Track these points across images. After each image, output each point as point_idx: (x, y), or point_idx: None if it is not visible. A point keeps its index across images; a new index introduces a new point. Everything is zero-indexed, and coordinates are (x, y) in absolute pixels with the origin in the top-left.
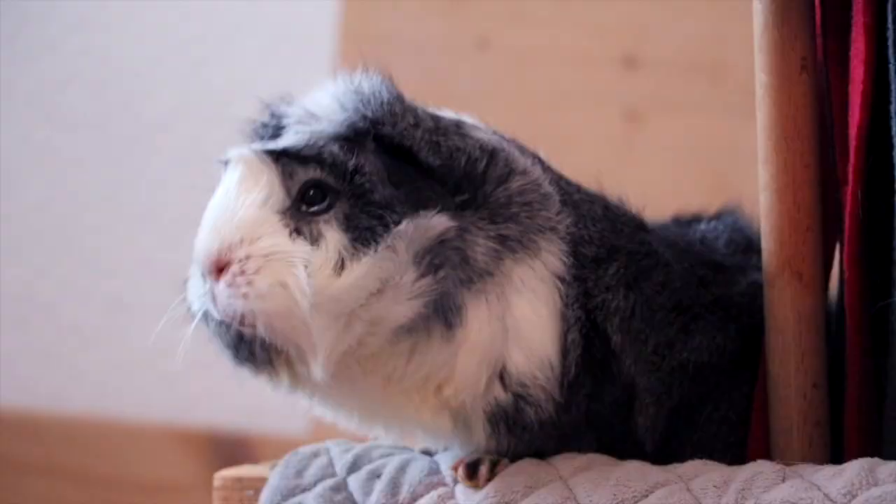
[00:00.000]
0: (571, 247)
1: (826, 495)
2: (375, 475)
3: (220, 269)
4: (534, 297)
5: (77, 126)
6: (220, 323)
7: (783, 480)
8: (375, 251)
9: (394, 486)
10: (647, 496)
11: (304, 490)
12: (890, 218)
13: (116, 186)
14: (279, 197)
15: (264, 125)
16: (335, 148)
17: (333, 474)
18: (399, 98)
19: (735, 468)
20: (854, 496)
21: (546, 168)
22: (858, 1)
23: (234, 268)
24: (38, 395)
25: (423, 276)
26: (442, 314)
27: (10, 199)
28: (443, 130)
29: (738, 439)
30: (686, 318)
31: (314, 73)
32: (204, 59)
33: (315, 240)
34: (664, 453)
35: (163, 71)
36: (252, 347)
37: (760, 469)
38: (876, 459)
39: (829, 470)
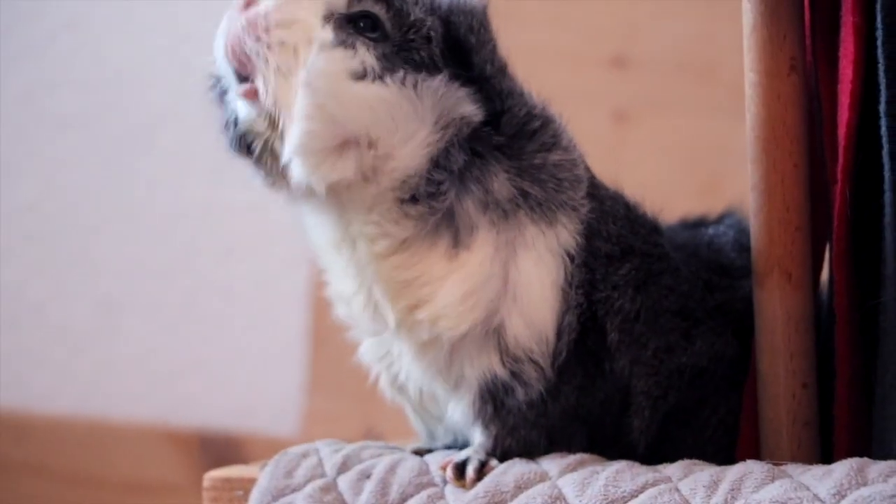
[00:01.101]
0: (587, 233)
1: (815, 495)
2: (365, 475)
3: (249, 4)
4: (541, 263)
5: (67, 126)
6: (225, 84)
7: (772, 480)
8: (402, 84)
9: (383, 486)
10: (636, 496)
11: (293, 490)
12: (879, 218)
13: (107, 187)
14: (339, 4)
15: None
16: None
17: (323, 475)
18: (483, 11)
19: (724, 468)
20: (843, 496)
21: (582, 157)
22: (847, 1)
23: (262, 9)
24: (28, 394)
25: (438, 139)
26: (454, 228)
27: (0, 200)
28: (509, 74)
29: (733, 442)
30: (688, 323)
31: None
32: (196, 59)
33: (346, 45)
34: (657, 456)
35: (154, 71)
36: (245, 125)
37: (750, 469)
38: (865, 459)
39: (819, 470)
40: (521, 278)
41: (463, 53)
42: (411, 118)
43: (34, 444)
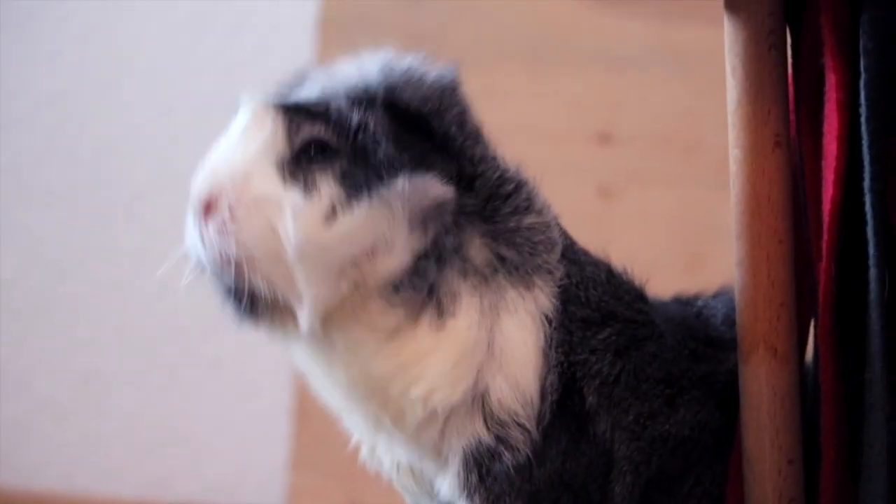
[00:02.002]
0: (563, 297)
1: None
2: None
3: (210, 210)
4: (523, 326)
5: (51, 200)
6: (213, 271)
7: None
8: (370, 204)
9: None
10: None
11: None
12: (864, 294)
13: (91, 260)
14: (280, 148)
15: (287, 84)
16: (343, 105)
17: None
18: (450, 80)
19: None
20: None
21: (557, 221)
22: (832, 78)
23: (224, 209)
24: (12, 469)
25: (417, 235)
26: (437, 298)
27: None
28: (482, 140)
29: None
30: (673, 391)
31: None
32: (179, 134)
33: (309, 189)
34: None
35: (138, 145)
36: (243, 298)
37: None
38: None
39: None
40: (506, 342)
41: (422, 124)
42: (388, 230)
43: None
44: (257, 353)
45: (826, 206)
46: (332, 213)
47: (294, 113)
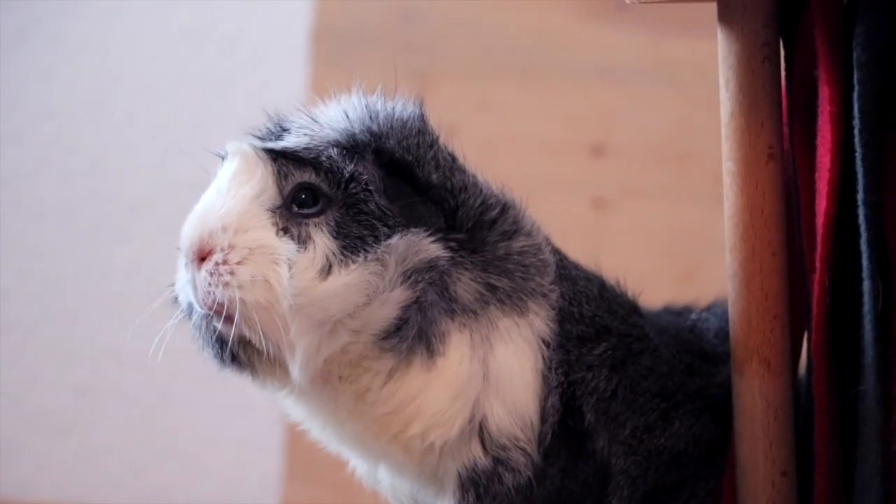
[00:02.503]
0: (559, 318)
1: None
2: None
3: (202, 257)
4: (519, 352)
5: (44, 215)
6: (203, 317)
7: None
8: (365, 261)
9: None
10: None
11: None
12: (858, 306)
13: (84, 275)
14: (271, 194)
15: (270, 129)
16: (333, 154)
17: None
18: (417, 118)
19: None
20: None
21: (548, 240)
22: (825, 90)
23: (217, 256)
24: (5, 482)
25: (407, 289)
26: (425, 340)
27: None
28: (458, 168)
29: None
30: (668, 404)
31: None
32: (172, 148)
33: (303, 241)
34: None
35: (131, 159)
36: (233, 346)
37: None
38: None
39: None
40: (501, 371)
41: (406, 171)
42: (382, 286)
43: None
44: None
45: (820, 219)
46: (327, 268)
47: (284, 159)
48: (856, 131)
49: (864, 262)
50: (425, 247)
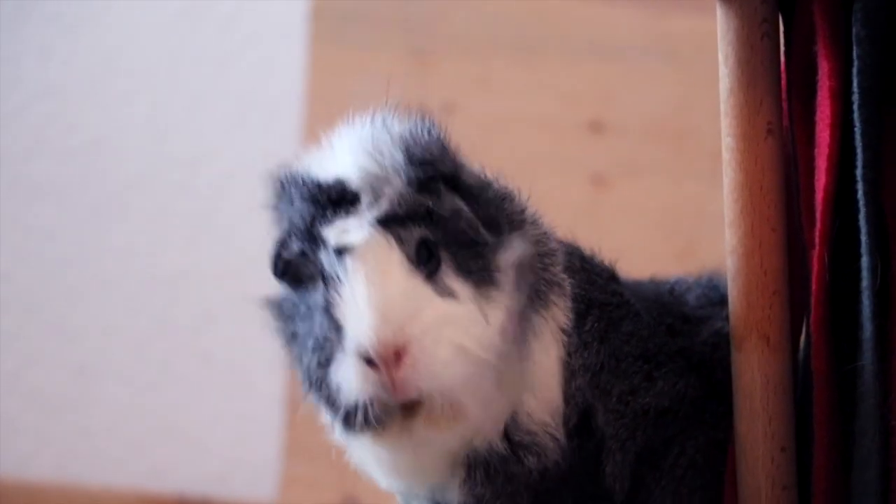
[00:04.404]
0: (573, 303)
1: None
2: None
3: (398, 354)
4: (546, 347)
5: (42, 194)
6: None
7: None
8: (499, 289)
9: None
10: None
11: None
12: (857, 282)
13: (82, 254)
14: (409, 265)
15: (333, 198)
16: (420, 199)
17: None
18: (445, 139)
19: None
20: None
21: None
22: (824, 66)
23: (415, 348)
24: (3, 462)
25: (521, 295)
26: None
27: None
28: (471, 170)
29: (706, 482)
30: (650, 365)
31: (281, 136)
32: (170, 126)
33: (452, 295)
34: (633, 501)
35: (129, 138)
36: (379, 413)
37: None
38: None
39: None
40: (535, 368)
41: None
42: (511, 300)
43: None
44: (249, 345)
45: (819, 195)
46: (482, 311)
47: (394, 225)
48: (855, 107)
49: (863, 238)
50: (517, 248)
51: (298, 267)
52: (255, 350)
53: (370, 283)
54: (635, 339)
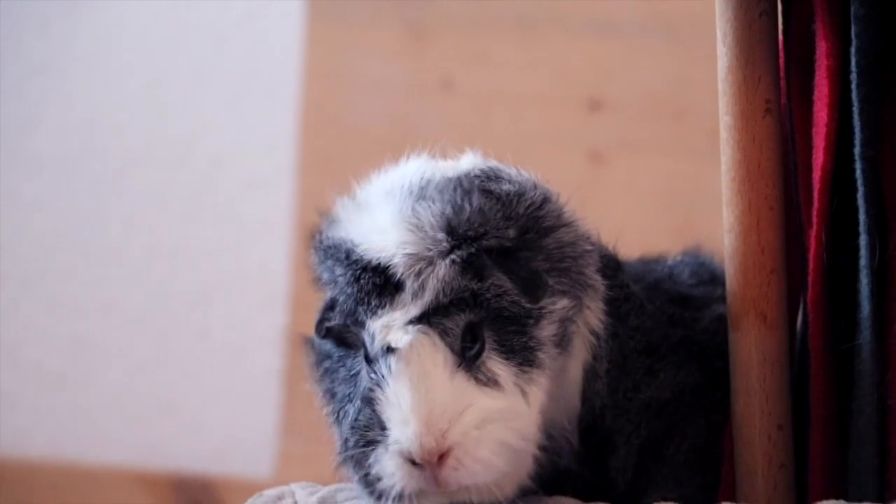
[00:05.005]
0: (607, 305)
1: None
2: None
3: (441, 458)
4: (576, 354)
5: (41, 169)
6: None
7: None
8: (540, 369)
9: None
10: None
11: None
12: (854, 261)
13: (80, 229)
14: (451, 359)
15: (377, 284)
16: (464, 283)
17: None
18: (487, 205)
19: None
20: None
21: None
22: (822, 45)
23: (457, 451)
24: (0, 437)
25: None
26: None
27: None
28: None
29: (706, 465)
30: (652, 359)
31: (279, 113)
32: (168, 102)
33: (495, 382)
34: (636, 490)
35: (127, 114)
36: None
37: None
38: (841, 502)
39: None
40: (565, 377)
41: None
42: (552, 369)
43: (6, 487)
44: (246, 320)
45: (817, 173)
46: (523, 394)
47: (436, 318)
48: (853, 86)
49: (861, 217)
50: (557, 311)
51: (342, 333)
52: (253, 327)
53: (414, 389)
54: (639, 333)
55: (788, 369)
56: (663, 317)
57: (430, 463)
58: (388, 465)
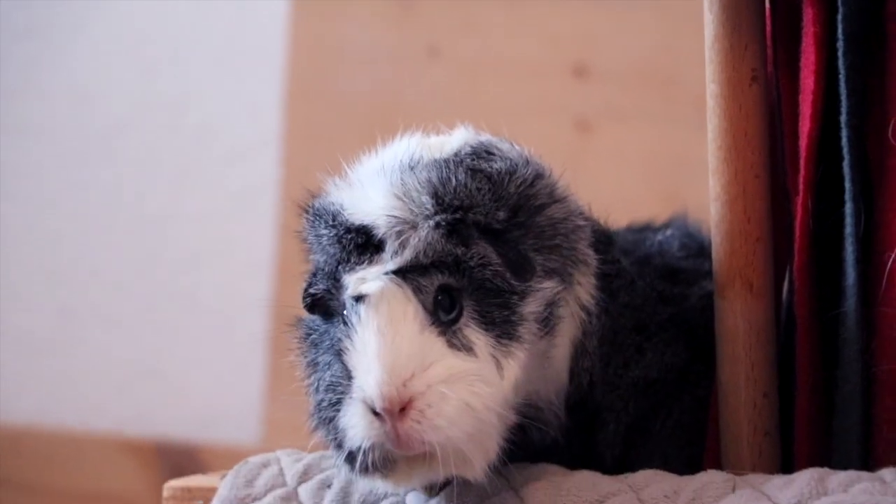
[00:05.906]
0: (599, 281)
1: None
2: (326, 485)
3: (402, 409)
4: (565, 331)
5: (27, 134)
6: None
7: (733, 490)
8: (519, 343)
9: (344, 495)
10: None
11: (254, 500)
12: (840, 229)
13: (67, 195)
14: (423, 315)
15: (358, 244)
16: (447, 247)
17: (284, 484)
18: (477, 179)
19: (686, 478)
20: None
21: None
22: (809, 12)
23: (419, 403)
24: None
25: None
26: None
27: None
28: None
29: (692, 438)
30: (641, 337)
31: (265, 80)
32: (154, 68)
33: (468, 348)
34: (623, 465)
35: (113, 79)
36: (383, 459)
37: (711, 479)
38: (825, 469)
39: (779, 480)
40: (554, 351)
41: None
42: (533, 348)
43: None
44: (233, 287)
45: (803, 141)
46: (498, 365)
47: (412, 275)
48: (840, 53)
49: (847, 185)
50: (546, 293)
51: (326, 302)
52: (239, 294)
53: (381, 335)
54: (630, 309)
55: (774, 337)
56: (653, 293)
57: (391, 413)
58: (353, 418)
